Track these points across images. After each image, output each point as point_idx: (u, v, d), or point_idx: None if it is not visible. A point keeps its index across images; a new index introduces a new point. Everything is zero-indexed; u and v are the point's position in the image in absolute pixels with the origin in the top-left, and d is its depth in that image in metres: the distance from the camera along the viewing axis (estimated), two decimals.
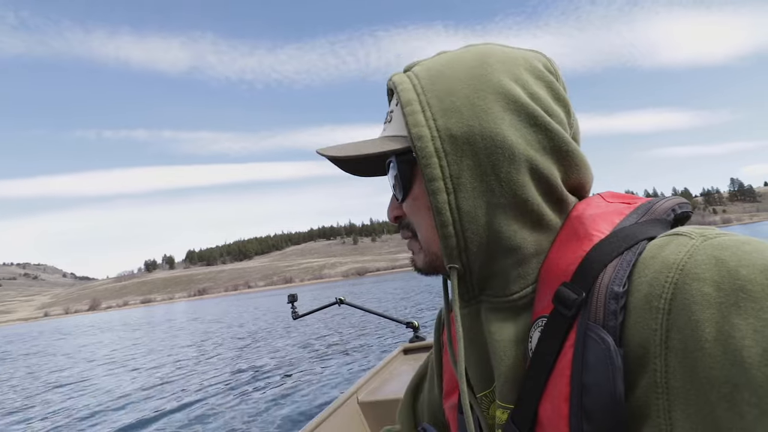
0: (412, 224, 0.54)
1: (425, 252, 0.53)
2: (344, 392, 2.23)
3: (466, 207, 0.47)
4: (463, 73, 0.49)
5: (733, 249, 0.36)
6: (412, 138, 0.48)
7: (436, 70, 0.51)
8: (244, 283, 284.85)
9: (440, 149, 0.47)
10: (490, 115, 0.47)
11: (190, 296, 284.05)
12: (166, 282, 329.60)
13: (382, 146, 0.52)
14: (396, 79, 0.53)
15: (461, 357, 0.48)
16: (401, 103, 0.50)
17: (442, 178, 0.47)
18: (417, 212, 0.52)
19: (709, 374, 0.32)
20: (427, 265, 0.54)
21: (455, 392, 0.61)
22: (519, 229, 0.48)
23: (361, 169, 0.60)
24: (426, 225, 0.51)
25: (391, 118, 0.54)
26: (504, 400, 0.48)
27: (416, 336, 3.20)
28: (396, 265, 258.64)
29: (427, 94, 0.49)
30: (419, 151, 0.47)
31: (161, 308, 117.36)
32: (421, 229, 0.52)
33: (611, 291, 0.39)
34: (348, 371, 7.80)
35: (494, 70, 0.49)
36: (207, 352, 13.26)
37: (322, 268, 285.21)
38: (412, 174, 0.52)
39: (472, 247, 0.48)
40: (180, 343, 17.69)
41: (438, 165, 0.47)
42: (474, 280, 0.50)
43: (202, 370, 10.22)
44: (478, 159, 0.46)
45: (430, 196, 0.48)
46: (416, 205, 0.52)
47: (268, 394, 7.01)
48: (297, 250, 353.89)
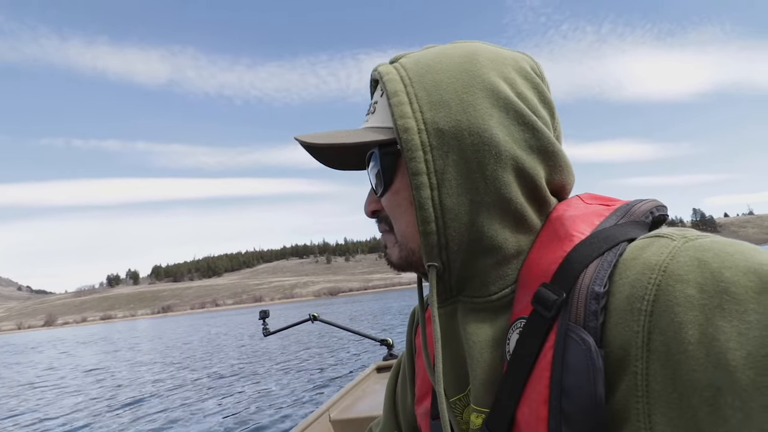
0: (390, 218, 0.53)
1: (401, 247, 0.52)
2: (316, 410, 2.18)
3: (450, 204, 0.46)
4: (453, 68, 0.48)
5: (716, 251, 0.35)
6: (397, 129, 0.47)
7: (425, 62, 0.50)
8: (212, 301, 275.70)
9: (426, 143, 0.46)
10: (478, 111, 0.46)
11: (153, 313, 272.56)
12: (129, 298, 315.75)
13: (365, 136, 0.50)
14: (382, 69, 0.51)
15: (438, 358, 0.46)
16: (387, 94, 0.48)
17: (427, 173, 0.46)
18: (397, 206, 0.51)
19: (692, 377, 0.32)
20: (402, 260, 0.52)
21: (427, 397, 0.59)
22: (501, 228, 0.47)
23: (340, 161, 0.58)
24: (405, 220, 0.50)
25: (374, 109, 0.53)
26: (479, 404, 0.47)
27: (390, 354, 3.20)
28: (369, 285, 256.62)
29: (415, 86, 0.48)
30: (405, 143, 0.46)
31: (122, 325, 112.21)
32: (399, 223, 0.51)
33: (592, 291, 0.39)
34: (320, 389, 7.74)
35: (483, 67, 0.48)
36: (170, 371, 12.83)
37: (293, 287, 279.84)
38: (395, 167, 0.50)
39: (452, 245, 0.47)
40: (140, 361, 17.03)
41: (423, 159, 0.46)
42: (452, 279, 0.49)
43: (165, 389, 9.90)
44: (464, 155, 0.46)
45: (413, 191, 0.47)
46: (397, 200, 0.50)
47: (237, 413, 6.88)
48: (268, 268, 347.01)
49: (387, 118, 0.50)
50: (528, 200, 0.48)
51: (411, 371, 0.69)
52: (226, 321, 52.66)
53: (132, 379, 12.26)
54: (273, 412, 6.61)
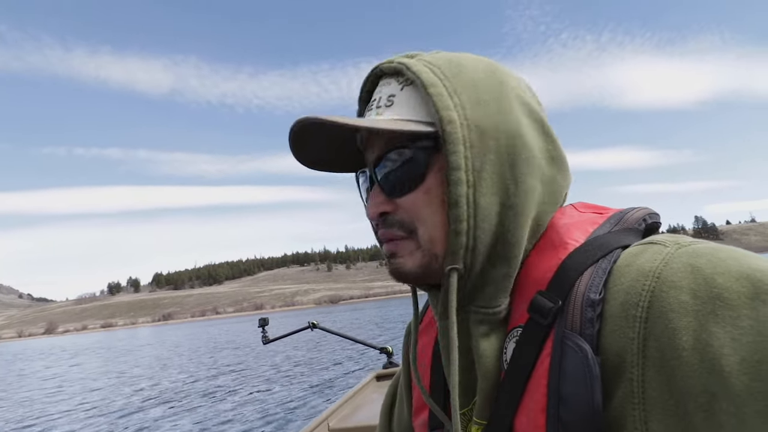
0: (409, 221, 0.48)
1: (424, 252, 0.48)
2: (315, 418, 2.16)
3: (483, 203, 0.45)
4: (484, 70, 0.48)
5: (708, 256, 0.36)
6: (441, 121, 0.44)
7: (455, 61, 0.48)
8: (212, 309, 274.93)
9: (467, 138, 0.44)
10: (513, 115, 0.46)
11: (154, 321, 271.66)
12: (129, 306, 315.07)
13: (402, 126, 0.45)
14: (407, 62, 0.48)
15: (455, 368, 0.45)
16: (424, 84, 0.46)
17: (465, 170, 0.44)
18: (426, 206, 0.47)
19: (687, 383, 0.32)
20: (422, 268, 0.48)
21: (425, 409, 0.59)
22: (522, 235, 0.46)
23: (323, 162, 0.55)
24: (436, 221, 0.47)
25: (391, 102, 0.49)
26: (479, 417, 0.46)
27: (390, 362, 3.18)
28: (370, 293, 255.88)
29: (452, 81, 0.46)
30: (448, 135, 0.44)
31: (123, 333, 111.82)
32: (428, 225, 0.47)
33: (588, 298, 0.39)
34: (319, 397, 7.70)
35: (507, 75, 0.49)
36: (171, 378, 12.76)
37: (294, 295, 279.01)
38: (428, 163, 0.47)
39: (479, 248, 0.46)
40: (138, 370, 16.95)
41: (463, 154, 0.44)
42: (468, 286, 0.48)
43: (164, 397, 9.84)
44: (500, 156, 0.45)
45: (449, 187, 0.44)
46: (427, 199, 0.47)
47: (237, 420, 6.83)
48: (269, 276, 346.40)
49: (412, 112, 0.47)
50: (547, 210, 0.49)
51: (408, 383, 0.68)
52: (226, 329, 52.47)
53: (130, 387, 12.18)
54: (272, 420, 6.56)
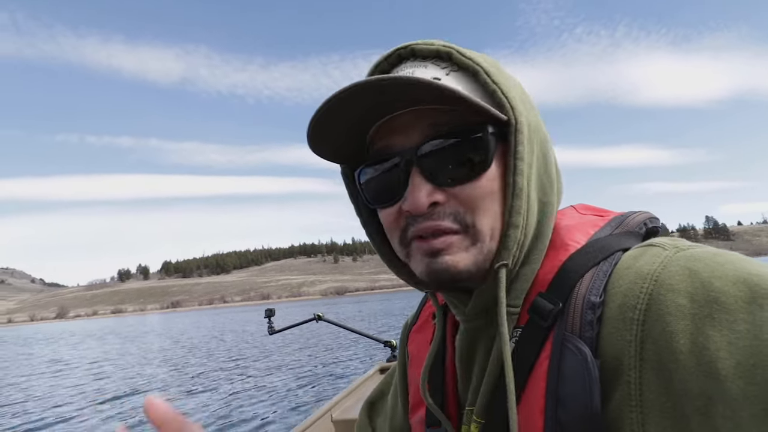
0: (465, 213, 0.44)
1: (480, 249, 0.44)
2: (318, 409, 2.19)
3: (533, 197, 0.45)
4: (507, 73, 0.48)
5: (706, 260, 0.36)
6: (513, 107, 0.43)
7: (488, 60, 0.47)
8: (220, 298, 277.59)
9: (526, 132, 0.44)
10: (538, 117, 0.47)
11: (162, 308, 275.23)
12: (139, 293, 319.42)
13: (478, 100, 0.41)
14: (454, 46, 0.47)
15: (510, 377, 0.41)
16: (485, 71, 0.44)
17: (527, 162, 0.44)
18: (486, 197, 0.44)
19: (684, 386, 0.32)
20: (477, 267, 0.45)
21: (422, 406, 0.58)
22: (550, 232, 0.47)
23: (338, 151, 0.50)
24: (495, 213, 0.44)
25: None
26: (478, 416, 0.46)
27: (394, 355, 3.22)
28: (376, 285, 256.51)
29: (498, 75, 0.45)
30: (520, 125, 0.43)
31: (132, 319, 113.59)
32: (486, 217, 0.44)
33: (588, 301, 0.39)
34: (323, 389, 7.78)
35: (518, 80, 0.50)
36: (177, 367, 12.96)
37: (300, 286, 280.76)
38: (494, 150, 0.45)
39: (526, 243, 0.45)
40: (148, 357, 17.22)
41: (526, 145, 0.44)
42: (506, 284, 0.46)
43: (169, 384, 9.99)
44: (541, 154, 0.46)
45: (515, 177, 0.43)
46: (489, 187, 0.44)
47: (240, 410, 6.93)
48: (276, 266, 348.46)
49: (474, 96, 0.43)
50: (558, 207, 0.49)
51: (403, 380, 0.66)
52: (232, 318, 53.04)
53: (135, 373, 12.39)
54: (276, 410, 6.65)
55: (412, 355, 0.62)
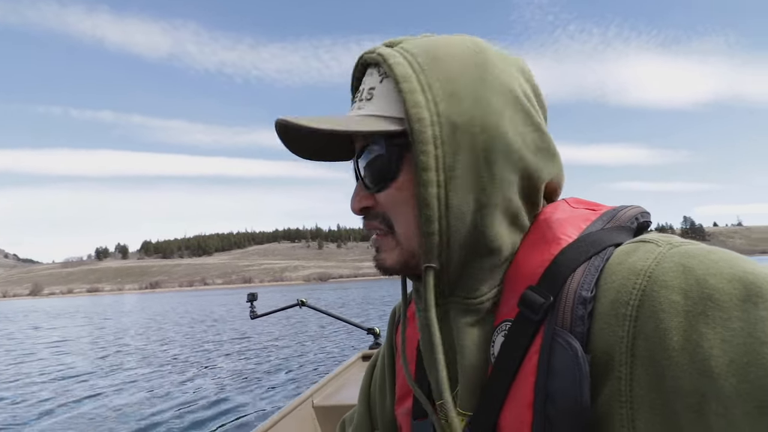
0: (388, 217, 0.48)
1: (402, 250, 0.48)
2: (299, 396, 2.18)
3: (455, 203, 0.44)
4: (464, 60, 0.46)
5: (700, 257, 0.36)
6: (410, 119, 0.43)
7: (434, 51, 0.46)
8: (201, 280, 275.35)
9: (438, 136, 0.43)
10: (491, 107, 0.44)
11: (141, 289, 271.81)
12: (117, 272, 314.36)
13: (371, 125, 0.45)
14: (384, 52, 0.47)
15: (441, 365, 0.45)
16: (396, 79, 0.44)
17: (435, 169, 0.43)
18: (399, 204, 0.47)
19: (676, 384, 0.32)
20: (401, 265, 0.49)
21: (409, 397, 0.58)
22: (501, 230, 0.46)
23: (309, 151, 0.54)
24: (408, 219, 0.47)
25: (371, 95, 0.48)
26: (464, 407, 0.46)
27: (377, 343, 3.20)
28: (359, 273, 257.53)
29: (427, 74, 0.44)
30: (417, 135, 0.43)
31: (108, 299, 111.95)
32: (402, 222, 0.47)
33: (579, 296, 0.39)
34: (305, 375, 7.75)
35: (494, 62, 0.46)
36: (153, 350, 12.81)
37: (283, 271, 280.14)
38: (401, 160, 0.46)
39: (454, 246, 0.45)
40: (125, 338, 16.99)
41: (434, 154, 0.43)
42: (448, 280, 0.48)
43: (146, 368, 9.88)
44: (474, 152, 0.44)
45: (419, 188, 0.44)
46: (400, 196, 0.47)
47: (220, 395, 6.87)
48: (259, 250, 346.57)
49: (389, 107, 0.46)
50: (524, 201, 0.48)
51: (391, 371, 0.67)
52: (212, 300, 52.69)
53: (112, 355, 12.21)
54: (257, 396, 6.62)
55: (400, 346, 0.62)
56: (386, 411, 0.67)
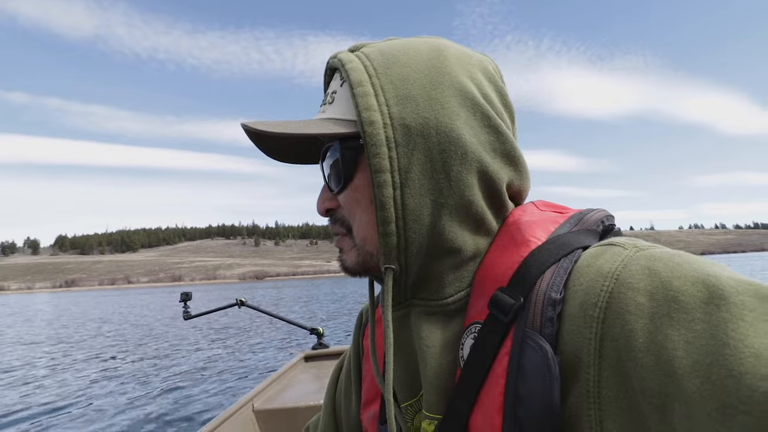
0: (347, 218, 0.49)
1: (359, 250, 0.49)
2: (239, 399, 2.10)
3: (412, 204, 0.44)
4: (420, 63, 0.46)
5: (666, 261, 0.36)
6: (362, 123, 0.44)
7: (391, 54, 0.47)
8: (124, 278, 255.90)
9: (391, 139, 0.44)
10: (446, 109, 0.45)
11: (54, 287, 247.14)
12: (26, 268, 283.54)
13: (325, 128, 0.46)
14: (343, 57, 0.48)
15: (390, 364, 0.46)
16: (350, 83, 0.45)
17: (390, 171, 0.44)
18: (356, 205, 0.48)
19: (642, 384, 0.32)
20: (359, 266, 0.50)
21: (375, 401, 0.58)
22: (461, 231, 0.46)
23: (286, 154, 0.55)
24: (365, 220, 0.47)
25: (333, 99, 0.49)
26: (431, 411, 0.46)
27: (320, 343, 3.18)
28: (298, 271, 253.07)
29: (381, 78, 0.45)
30: (369, 137, 0.44)
31: (14, 298, 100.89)
32: (358, 223, 0.48)
33: (549, 298, 0.39)
34: (245, 378, 7.60)
35: (451, 65, 0.47)
36: (70, 354, 11.90)
37: (216, 268, 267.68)
38: (357, 162, 0.47)
39: (412, 248, 0.45)
40: (34, 341, 15.58)
41: (387, 156, 0.44)
42: (408, 281, 0.48)
43: (67, 376, 9.19)
44: (430, 154, 0.44)
45: (374, 189, 0.44)
46: (356, 197, 0.48)
47: (156, 401, 6.58)
48: (191, 247, 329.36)
49: (348, 110, 0.47)
50: (488, 204, 0.48)
51: (357, 374, 0.66)
52: (138, 300, 49.35)
53: (25, 363, 11.20)
54: (193, 402, 6.40)
55: (367, 349, 0.61)
56: (351, 416, 0.67)
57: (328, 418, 0.72)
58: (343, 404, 0.69)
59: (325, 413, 0.73)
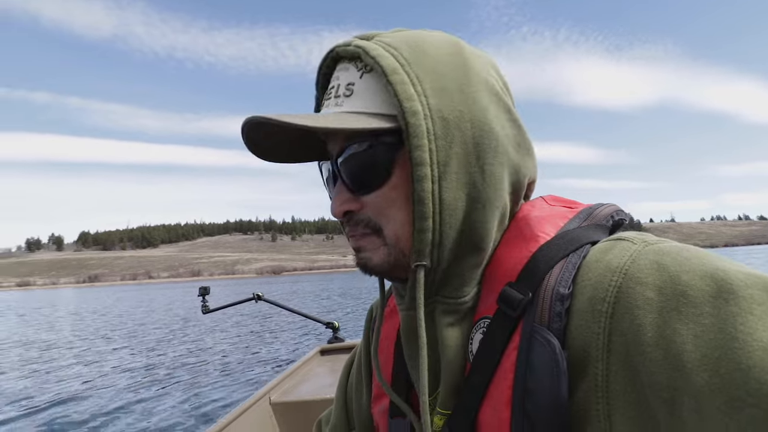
0: (375, 219, 0.47)
1: (391, 249, 0.46)
2: (257, 392, 2.12)
3: (448, 198, 0.43)
4: (446, 55, 0.45)
5: (674, 255, 0.36)
6: (405, 113, 0.41)
7: (416, 45, 0.45)
8: (145, 273, 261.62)
9: (431, 130, 0.42)
10: (478, 103, 0.44)
11: (78, 282, 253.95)
12: (51, 264, 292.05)
13: (359, 122, 0.43)
14: (365, 45, 0.45)
15: (424, 365, 0.44)
16: (384, 71, 0.42)
17: (430, 164, 0.42)
18: (390, 204, 0.45)
19: (650, 379, 0.33)
20: (389, 265, 0.47)
21: (386, 396, 0.58)
22: (491, 227, 0.46)
23: (276, 152, 0.51)
24: (402, 219, 0.45)
25: (351, 91, 0.46)
26: (443, 406, 0.46)
27: (335, 337, 3.17)
28: (314, 266, 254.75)
29: (414, 68, 0.43)
30: (412, 128, 0.42)
31: (40, 293, 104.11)
32: (393, 223, 0.46)
33: (557, 293, 0.39)
34: (262, 371, 7.68)
35: (473, 60, 0.46)
36: (102, 347, 12.19)
37: (235, 264, 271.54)
38: (394, 159, 0.45)
39: (446, 243, 0.44)
40: (65, 336, 16.01)
41: (428, 148, 0.42)
42: (435, 279, 0.46)
43: (97, 367, 9.42)
44: (466, 147, 0.43)
45: (414, 183, 0.42)
46: (393, 196, 0.45)
47: (175, 393, 6.69)
48: (209, 242, 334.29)
49: (373, 104, 0.44)
50: (512, 198, 0.48)
51: (368, 369, 0.66)
52: (160, 294, 50.39)
53: (51, 355, 11.51)
54: (213, 393, 6.49)
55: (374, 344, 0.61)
56: (363, 409, 0.67)
57: (339, 412, 0.72)
58: (354, 398, 0.69)
59: (336, 407, 0.73)
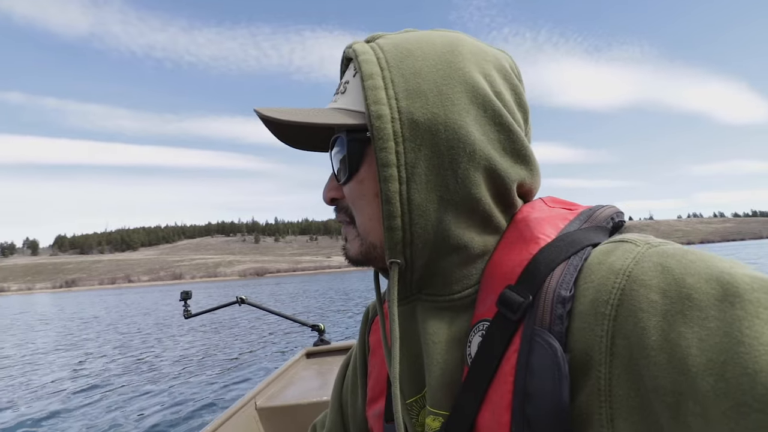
0: (351, 209, 0.50)
1: (362, 241, 0.50)
2: (242, 397, 2.09)
3: (418, 200, 0.44)
4: (434, 57, 0.46)
5: (678, 257, 0.36)
6: (370, 115, 0.44)
7: (404, 47, 0.47)
8: (124, 277, 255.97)
9: (399, 133, 0.43)
10: (456, 106, 0.44)
11: (55, 287, 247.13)
12: (25, 269, 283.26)
13: (333, 118, 0.47)
14: (358, 48, 0.48)
15: (396, 358, 0.45)
16: (361, 76, 0.45)
17: (397, 165, 0.44)
18: (361, 197, 0.48)
19: (654, 383, 0.32)
20: (361, 255, 0.50)
21: (381, 399, 0.57)
22: (467, 228, 0.46)
23: (300, 140, 0.56)
24: (369, 212, 0.48)
25: (345, 89, 0.50)
26: (437, 407, 0.46)
27: (321, 339, 3.10)
28: (298, 267, 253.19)
29: (392, 71, 0.45)
30: (376, 131, 0.43)
31: (15, 299, 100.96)
32: (362, 215, 0.49)
33: (558, 295, 0.38)
34: (247, 376, 7.57)
35: (465, 60, 0.46)
36: (83, 352, 11.88)
37: (217, 266, 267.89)
38: (363, 154, 0.47)
39: (417, 242, 0.45)
40: (43, 340, 15.57)
41: (394, 150, 0.44)
42: (414, 276, 0.47)
43: (78, 372, 9.18)
44: (437, 150, 0.44)
45: (380, 183, 0.44)
46: (361, 190, 0.48)
47: (158, 399, 6.55)
48: (191, 245, 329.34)
49: (359, 101, 0.47)
50: (495, 201, 0.47)
51: (363, 371, 0.66)
52: (140, 299, 49.38)
53: (28, 362, 11.18)
54: (197, 399, 6.39)
55: (373, 346, 0.61)
56: (358, 412, 0.66)
57: (335, 416, 0.71)
58: (350, 401, 0.69)
59: (332, 410, 0.72)
